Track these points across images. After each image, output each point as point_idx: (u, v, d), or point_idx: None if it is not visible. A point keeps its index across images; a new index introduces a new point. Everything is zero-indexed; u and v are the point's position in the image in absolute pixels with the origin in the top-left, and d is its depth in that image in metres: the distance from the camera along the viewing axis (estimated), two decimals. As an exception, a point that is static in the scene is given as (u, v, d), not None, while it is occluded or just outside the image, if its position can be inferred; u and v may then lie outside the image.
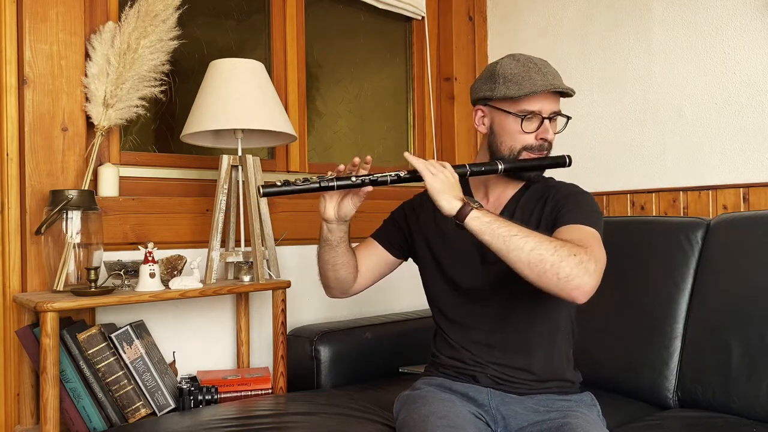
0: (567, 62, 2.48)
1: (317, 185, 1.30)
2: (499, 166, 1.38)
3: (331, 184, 1.31)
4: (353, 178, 1.32)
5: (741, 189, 2.01)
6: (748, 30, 2.01)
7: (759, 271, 1.61)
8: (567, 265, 1.17)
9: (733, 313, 1.62)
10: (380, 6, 2.56)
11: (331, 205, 1.38)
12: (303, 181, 1.31)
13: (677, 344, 1.70)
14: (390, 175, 1.33)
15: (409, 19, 2.74)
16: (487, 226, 1.22)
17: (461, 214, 1.23)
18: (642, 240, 1.86)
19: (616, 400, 1.69)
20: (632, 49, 2.29)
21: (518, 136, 1.39)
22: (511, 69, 1.39)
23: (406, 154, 1.35)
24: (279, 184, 1.30)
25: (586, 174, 2.39)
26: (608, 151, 2.36)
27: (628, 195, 2.28)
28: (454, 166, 1.35)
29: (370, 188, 1.34)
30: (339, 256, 1.45)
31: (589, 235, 1.28)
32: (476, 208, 1.24)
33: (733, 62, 2.04)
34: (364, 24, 2.62)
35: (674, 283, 1.75)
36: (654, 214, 2.20)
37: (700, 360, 1.64)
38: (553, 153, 1.45)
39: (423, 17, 2.73)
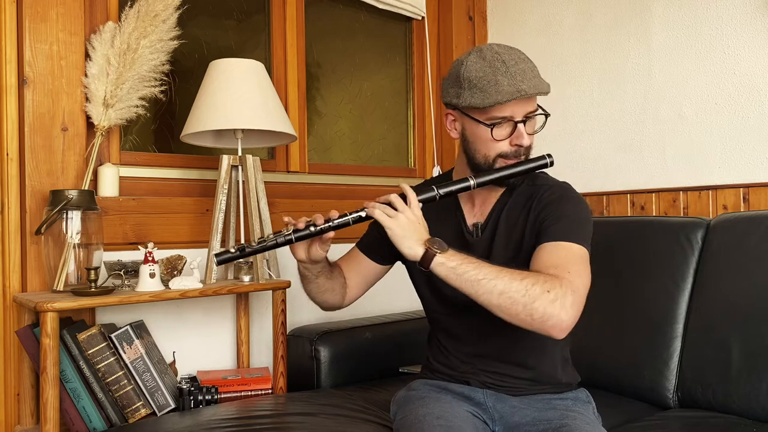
0: (567, 62, 2.48)
1: (274, 242, 1.26)
2: (471, 182, 1.29)
3: (288, 238, 1.26)
4: (312, 228, 1.26)
5: (741, 189, 2.01)
6: (748, 30, 2.01)
7: (759, 271, 1.61)
8: (540, 305, 1.12)
9: (733, 312, 1.62)
10: (380, 6, 2.56)
11: (301, 249, 1.33)
12: (259, 242, 1.27)
13: (677, 344, 1.70)
14: (351, 217, 1.26)
15: (409, 19, 2.74)
16: (453, 271, 1.16)
17: (425, 260, 1.18)
18: (642, 240, 1.86)
19: (616, 400, 1.69)
20: (632, 49, 2.29)
21: (491, 144, 1.30)
22: (476, 71, 1.27)
23: (366, 204, 1.26)
24: (233, 250, 1.27)
25: (586, 174, 2.39)
26: (608, 151, 2.36)
27: (628, 195, 2.28)
28: (421, 191, 1.27)
29: (332, 234, 1.29)
30: (321, 286, 1.42)
31: (570, 256, 1.22)
32: (440, 253, 1.17)
33: (733, 62, 2.04)
34: (364, 24, 2.62)
35: (674, 283, 1.75)
36: (654, 214, 2.20)
37: (700, 360, 1.64)
38: (553, 152, 1.37)
39: (423, 17, 2.73)
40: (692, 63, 2.13)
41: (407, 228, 1.20)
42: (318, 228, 1.26)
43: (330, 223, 1.27)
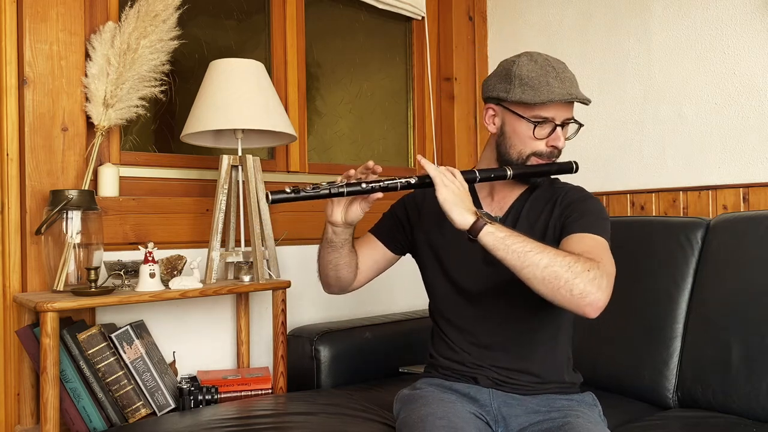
0: (567, 62, 2.43)
1: (327, 191, 1.28)
2: (509, 172, 1.36)
3: (341, 190, 1.28)
4: (363, 185, 1.29)
5: (741, 189, 2.01)
6: (748, 30, 2.01)
7: (759, 271, 1.61)
8: (581, 282, 1.16)
9: (733, 313, 1.62)
10: (380, 6, 2.56)
11: (338, 209, 1.35)
12: (313, 188, 1.28)
13: (677, 344, 1.70)
14: (401, 182, 1.29)
15: (409, 19, 2.74)
16: (502, 242, 1.19)
17: (474, 228, 1.21)
18: (642, 240, 1.86)
19: (617, 400, 1.69)
20: (632, 49, 2.29)
21: (529, 142, 1.37)
22: (528, 71, 1.35)
23: (420, 158, 1.30)
24: (288, 191, 1.27)
25: (586, 174, 2.36)
26: (608, 151, 2.36)
27: (628, 195, 2.28)
28: (463, 172, 1.32)
29: (380, 195, 1.30)
30: (342, 257, 1.43)
31: (599, 245, 1.27)
32: (490, 223, 1.21)
33: (733, 62, 2.04)
34: (364, 24, 2.62)
35: (674, 283, 1.75)
36: (654, 214, 2.20)
37: (700, 360, 1.64)
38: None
39: (423, 17, 2.73)
40: (692, 63, 2.13)
41: (459, 196, 1.25)
42: (369, 186, 1.29)
43: (380, 183, 1.29)
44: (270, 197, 1.27)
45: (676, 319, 1.72)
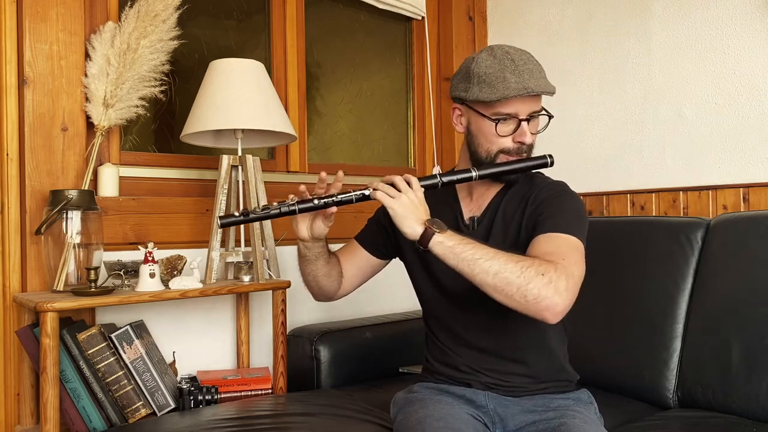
0: (567, 62, 2.48)
1: (278, 211, 1.28)
2: (473, 174, 1.33)
3: (292, 209, 1.28)
4: (315, 201, 1.28)
5: (741, 189, 2.01)
6: (748, 30, 2.01)
7: (759, 271, 1.61)
8: (534, 287, 1.14)
9: (733, 313, 1.62)
10: (380, 6, 2.56)
11: (303, 225, 1.36)
12: (263, 209, 1.29)
13: (677, 344, 1.70)
14: (355, 195, 1.28)
15: (409, 19, 2.74)
16: (450, 250, 1.19)
17: (424, 239, 1.21)
18: (642, 240, 1.86)
19: (617, 400, 1.69)
20: (632, 49, 2.29)
21: (494, 139, 1.34)
22: (485, 67, 1.32)
23: (371, 189, 1.29)
24: (237, 214, 1.29)
25: (586, 174, 2.39)
26: (608, 151, 2.36)
27: (628, 195, 2.28)
28: (425, 178, 1.31)
29: (334, 209, 1.30)
30: (319, 269, 1.44)
31: (566, 245, 1.24)
32: (439, 232, 1.20)
33: (733, 62, 2.04)
34: (364, 24, 2.62)
35: (674, 283, 1.75)
36: (654, 214, 2.20)
37: (700, 360, 1.64)
38: (553, 152, 1.39)
39: (423, 17, 2.73)
40: (692, 63, 2.13)
41: (408, 208, 1.24)
42: (321, 201, 1.28)
43: (333, 198, 1.29)
44: (219, 221, 1.30)
45: (676, 319, 1.72)
